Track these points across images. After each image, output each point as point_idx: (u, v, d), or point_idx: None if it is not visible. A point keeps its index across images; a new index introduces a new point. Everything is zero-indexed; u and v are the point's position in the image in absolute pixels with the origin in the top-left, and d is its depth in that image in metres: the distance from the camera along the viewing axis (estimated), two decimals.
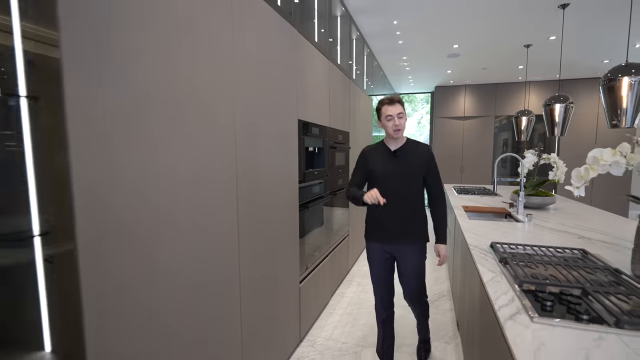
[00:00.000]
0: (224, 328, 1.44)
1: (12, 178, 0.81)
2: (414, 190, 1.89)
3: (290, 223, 2.13)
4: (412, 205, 1.89)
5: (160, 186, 1.08)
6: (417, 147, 1.92)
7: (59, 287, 0.84)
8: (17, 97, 0.80)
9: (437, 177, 1.94)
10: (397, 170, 1.87)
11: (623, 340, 0.91)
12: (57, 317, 0.85)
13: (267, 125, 1.80)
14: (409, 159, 1.88)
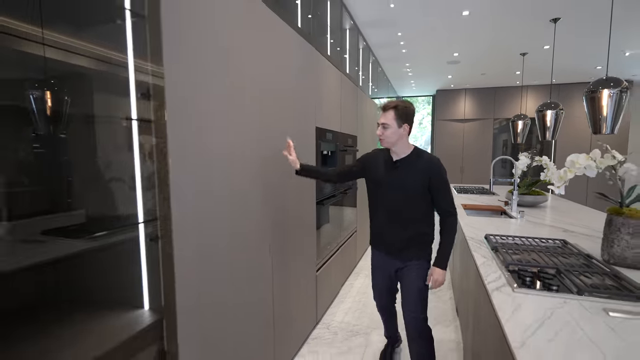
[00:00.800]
0: (262, 306, 1.73)
1: (125, 181, 1.10)
2: (414, 205, 1.72)
3: (309, 217, 2.42)
4: (412, 221, 1.73)
5: (220, 183, 1.37)
6: (421, 160, 1.71)
7: (159, 259, 1.12)
8: (130, 120, 1.09)
9: (444, 195, 1.70)
10: (396, 182, 1.72)
11: (582, 304, 1.19)
12: (155, 281, 1.14)
13: (293, 132, 2.08)
14: (410, 171, 1.70)
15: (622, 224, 1.56)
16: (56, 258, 1.05)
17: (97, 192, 1.09)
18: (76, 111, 0.99)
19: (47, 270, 1.04)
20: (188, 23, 1.16)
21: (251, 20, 1.59)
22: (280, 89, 1.92)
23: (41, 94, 0.85)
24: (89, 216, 1.09)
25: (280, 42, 1.92)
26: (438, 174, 1.69)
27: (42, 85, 0.86)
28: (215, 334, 1.35)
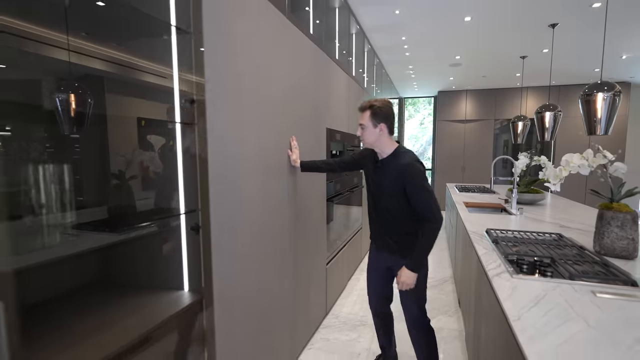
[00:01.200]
0: (282, 292, 1.88)
1: (172, 176, 1.25)
2: (395, 205, 1.72)
3: (320, 213, 2.57)
4: (396, 220, 1.74)
5: (247, 182, 1.51)
6: (397, 163, 1.68)
7: (200, 246, 1.27)
8: (174, 123, 1.24)
9: (418, 200, 1.64)
10: (377, 180, 1.76)
11: (572, 287, 1.33)
12: (195, 266, 1.29)
13: (308, 133, 2.23)
14: (387, 173, 1.71)
15: (612, 217, 1.70)
16: (110, 244, 1.20)
17: (146, 187, 1.24)
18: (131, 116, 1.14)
19: (104, 255, 1.19)
20: (225, 38, 1.31)
21: (275, 33, 1.74)
22: (298, 94, 2.07)
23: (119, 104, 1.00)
24: (137, 208, 1.25)
25: (299, 51, 2.07)
26: (411, 180, 1.63)
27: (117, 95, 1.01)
28: (242, 315, 1.50)
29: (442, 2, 3.28)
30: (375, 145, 1.74)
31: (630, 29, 3.88)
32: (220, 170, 1.31)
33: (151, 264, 1.29)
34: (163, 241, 1.28)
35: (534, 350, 0.92)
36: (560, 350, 0.91)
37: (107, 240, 1.16)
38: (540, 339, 0.97)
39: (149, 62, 1.20)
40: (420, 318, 1.83)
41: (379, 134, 1.69)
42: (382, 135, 1.70)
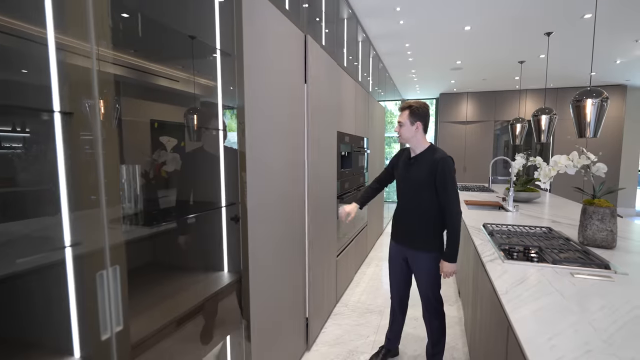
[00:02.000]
0: (299, 281, 2.11)
1: (215, 176, 1.48)
2: (424, 198, 1.88)
3: (331, 209, 2.80)
4: (423, 213, 1.90)
5: (274, 181, 1.75)
6: (431, 156, 1.88)
7: (239, 234, 1.51)
8: (217, 130, 1.47)
9: (445, 189, 1.82)
10: (409, 176, 1.93)
11: (554, 270, 1.56)
12: (234, 251, 1.52)
13: (322, 136, 2.46)
14: (421, 167, 1.89)
15: (593, 212, 1.93)
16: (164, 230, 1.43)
17: (195, 183, 1.48)
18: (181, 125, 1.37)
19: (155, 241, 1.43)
20: (257, 56, 1.55)
21: (295, 48, 1.97)
22: (314, 100, 2.30)
23: (192, 116, 1.24)
24: (186, 202, 1.48)
25: (316, 62, 2.30)
26: (441, 173, 1.80)
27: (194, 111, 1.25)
28: (270, 297, 1.74)
29: (443, 13, 3.50)
30: (411, 142, 1.93)
31: (621, 36, 4.10)
32: (254, 170, 1.54)
33: (197, 249, 1.52)
34: (207, 229, 1.51)
35: (516, 315, 1.14)
36: (536, 315, 1.14)
37: (162, 228, 1.39)
38: (522, 307, 1.20)
39: (200, 77, 1.43)
40: (433, 303, 2.03)
41: (415, 131, 1.90)
42: (418, 133, 1.91)
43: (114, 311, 0.89)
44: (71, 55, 0.85)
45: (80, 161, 0.85)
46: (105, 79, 0.89)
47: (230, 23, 1.41)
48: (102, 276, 0.86)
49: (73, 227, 0.85)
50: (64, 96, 0.83)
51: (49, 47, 0.82)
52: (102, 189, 0.87)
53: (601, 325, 1.06)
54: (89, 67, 0.86)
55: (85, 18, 0.84)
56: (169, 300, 1.24)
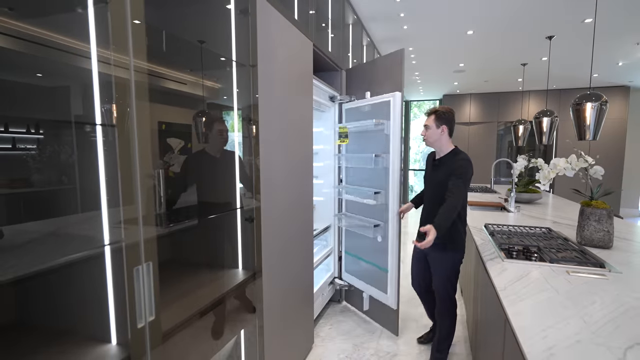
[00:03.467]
0: (306, 279, 2.21)
1: (231, 177, 1.58)
2: (443, 197, 1.95)
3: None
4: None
5: (282, 183, 1.85)
6: (454, 157, 1.99)
7: (253, 234, 1.60)
8: (233, 134, 1.57)
9: (454, 175, 1.93)
10: (433, 177, 2.05)
11: (551, 268, 1.64)
12: (248, 250, 1.62)
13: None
14: (443, 169, 2.00)
15: (591, 213, 2.00)
16: (184, 228, 1.53)
17: (212, 186, 1.57)
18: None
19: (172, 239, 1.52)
20: (270, 67, 1.65)
21: (304, 56, 2.07)
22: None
23: (201, 120, 1.34)
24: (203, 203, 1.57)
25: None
26: (459, 166, 1.93)
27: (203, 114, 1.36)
28: (281, 293, 1.83)
29: (446, 18, 3.59)
30: (436, 145, 2.04)
31: (624, 39, 4.15)
32: (266, 173, 1.64)
33: (214, 248, 1.62)
34: (223, 229, 1.61)
35: (513, 310, 1.23)
36: (532, 309, 1.22)
37: (182, 227, 1.49)
38: (519, 302, 1.28)
39: (216, 85, 1.53)
40: (447, 302, 2.12)
41: (440, 134, 2.02)
42: (443, 136, 2.02)
43: (147, 303, 0.99)
44: (110, 67, 0.95)
45: (122, 167, 0.95)
46: (140, 88, 0.99)
47: (245, 36, 1.51)
48: (139, 271, 0.96)
49: (112, 226, 0.95)
50: (107, 110, 0.93)
51: (92, 60, 0.92)
52: (138, 191, 0.97)
53: (592, 319, 1.14)
54: (128, 77, 0.96)
55: (125, 33, 0.94)
56: (190, 294, 1.34)
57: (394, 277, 2.49)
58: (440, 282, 2.10)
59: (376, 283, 2.64)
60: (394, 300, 2.51)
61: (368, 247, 2.71)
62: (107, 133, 0.95)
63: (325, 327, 2.68)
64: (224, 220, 1.61)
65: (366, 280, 2.76)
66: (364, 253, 2.78)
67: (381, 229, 2.54)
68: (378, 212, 2.58)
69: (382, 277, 2.58)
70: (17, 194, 0.84)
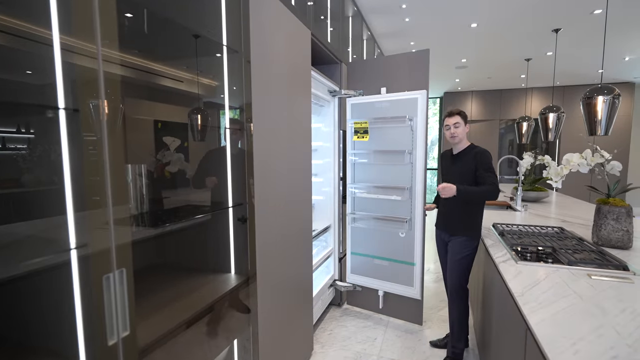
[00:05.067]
0: (307, 284, 2.08)
1: (223, 174, 1.45)
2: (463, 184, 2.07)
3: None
4: (463, 201, 2.09)
5: (282, 176, 1.72)
6: (472, 150, 2.14)
7: (246, 235, 1.47)
8: (225, 129, 1.44)
9: (485, 170, 2.02)
10: (454, 169, 2.17)
11: (570, 271, 1.52)
12: (241, 252, 1.49)
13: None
14: (465, 160, 2.13)
15: (608, 211, 1.88)
16: (170, 231, 1.40)
17: (202, 185, 1.44)
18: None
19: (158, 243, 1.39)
20: (265, 56, 1.52)
21: (301, 45, 1.94)
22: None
23: (196, 116, 1.21)
24: (192, 203, 1.45)
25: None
26: (482, 158, 2.06)
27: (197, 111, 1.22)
28: (278, 299, 1.70)
29: (449, 10, 3.46)
30: (461, 140, 2.17)
31: (631, 32, 4.03)
32: (261, 170, 1.51)
33: (204, 251, 1.49)
34: (214, 230, 1.48)
35: (535, 319, 1.10)
36: (556, 318, 1.10)
37: (168, 229, 1.36)
38: (540, 310, 1.15)
39: (204, 77, 1.40)
40: (457, 288, 2.18)
41: (466, 131, 2.18)
42: (465, 133, 2.19)
43: (121, 315, 0.86)
44: (76, 56, 0.82)
45: (86, 161, 0.83)
46: (110, 79, 0.87)
47: (237, 19, 1.38)
48: (109, 279, 0.83)
49: (78, 228, 0.82)
50: (69, 96, 0.80)
51: (55, 47, 0.79)
52: (108, 189, 0.84)
53: (625, 330, 1.02)
54: (95, 67, 0.83)
55: (92, 19, 0.81)
56: (174, 303, 1.21)
57: (420, 270, 2.58)
58: (459, 266, 2.14)
59: (397, 278, 2.68)
60: (419, 292, 2.60)
61: (385, 244, 2.71)
62: (72, 129, 0.82)
63: (325, 333, 2.55)
64: (215, 220, 1.48)
65: (384, 278, 2.75)
66: (379, 251, 2.75)
67: (407, 224, 2.60)
68: (402, 209, 2.61)
69: (406, 272, 2.64)
70: None
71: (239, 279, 1.49)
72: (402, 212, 2.62)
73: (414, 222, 2.57)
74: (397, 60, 2.65)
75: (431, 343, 2.41)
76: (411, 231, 2.59)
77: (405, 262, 2.64)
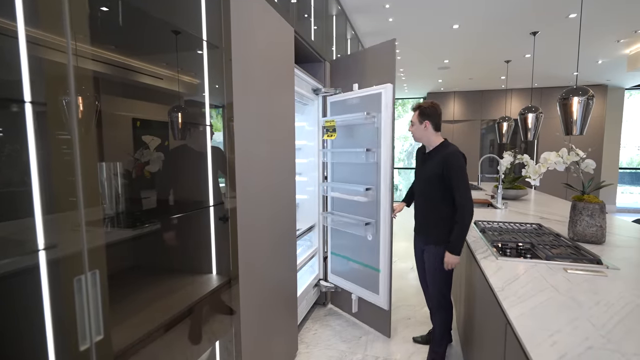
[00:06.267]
0: (288, 275, 2.06)
1: (202, 174, 1.42)
2: (434, 192, 1.97)
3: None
4: (433, 206, 2.00)
5: (265, 174, 1.69)
6: (443, 151, 1.96)
7: (228, 235, 1.44)
8: (205, 126, 1.41)
9: (456, 184, 1.87)
10: (423, 170, 2.06)
11: (548, 266, 1.56)
12: (222, 252, 1.46)
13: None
14: (433, 161, 1.98)
15: (583, 207, 1.94)
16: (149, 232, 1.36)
17: (181, 182, 1.41)
18: None
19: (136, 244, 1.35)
20: (246, 51, 1.49)
21: (284, 42, 1.92)
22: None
23: (176, 114, 1.17)
24: (171, 202, 1.41)
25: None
26: (449, 165, 1.87)
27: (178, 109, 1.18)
28: (261, 300, 1.68)
29: (432, 11, 3.51)
30: (422, 139, 2.06)
31: (604, 37, 4.19)
32: (243, 167, 1.49)
33: (184, 251, 1.45)
34: (194, 229, 1.45)
35: (515, 313, 1.12)
36: (535, 311, 1.12)
37: (147, 230, 1.32)
38: (520, 304, 1.18)
39: (184, 74, 1.36)
40: (438, 297, 2.09)
41: (424, 129, 2.02)
42: (427, 131, 2.02)
43: (94, 319, 0.83)
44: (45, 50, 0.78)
45: (56, 160, 0.79)
46: (82, 75, 0.83)
47: (217, 13, 1.35)
48: (80, 281, 0.80)
49: (48, 230, 0.78)
50: (37, 92, 0.76)
51: (20, 40, 0.75)
52: (79, 188, 0.80)
53: (599, 322, 1.05)
54: (64, 62, 0.79)
55: (61, 10, 0.77)
56: (154, 305, 1.17)
57: (386, 277, 2.37)
58: (435, 278, 2.06)
59: (366, 284, 2.52)
60: (386, 301, 2.39)
61: (357, 246, 2.59)
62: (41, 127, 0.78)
63: (310, 333, 2.54)
64: (195, 220, 1.44)
65: (355, 281, 2.63)
66: (352, 253, 2.65)
67: (372, 226, 2.42)
68: (368, 210, 2.46)
69: (373, 277, 2.46)
70: None
71: (220, 279, 1.46)
72: (367, 214, 2.46)
73: (379, 225, 2.38)
74: (366, 54, 2.57)
75: (414, 339, 2.43)
76: (377, 234, 2.40)
77: (372, 267, 2.47)
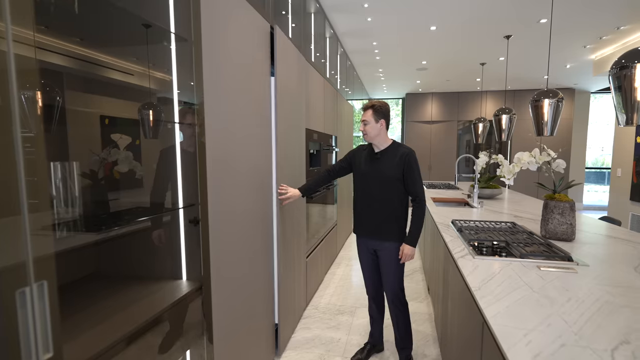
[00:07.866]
0: (267, 284, 2.00)
1: (173, 172, 1.34)
2: (390, 191, 1.97)
3: (301, 208, 2.71)
4: (388, 205, 1.98)
5: (239, 175, 1.63)
6: (397, 150, 1.98)
7: (199, 239, 1.37)
8: (174, 124, 1.33)
9: (414, 180, 1.95)
10: (375, 171, 1.99)
11: (522, 264, 1.58)
12: (193, 257, 1.39)
13: (291, 134, 2.36)
14: (388, 161, 1.97)
15: (554, 206, 1.99)
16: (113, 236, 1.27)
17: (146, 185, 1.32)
18: None
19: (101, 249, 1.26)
20: (218, 45, 1.42)
21: (260, 38, 1.86)
22: (282, 95, 2.20)
23: (147, 112, 1.09)
24: (138, 204, 1.33)
25: (284, 55, 2.20)
26: (409, 166, 1.94)
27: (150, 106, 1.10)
28: (235, 305, 1.61)
29: (409, 12, 3.54)
30: (376, 139, 1.99)
31: (572, 42, 4.37)
32: (215, 167, 1.42)
33: (151, 256, 1.37)
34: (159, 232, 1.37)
35: (491, 312, 1.12)
36: (510, 310, 1.12)
37: (111, 234, 1.23)
38: (496, 303, 1.18)
39: (152, 68, 1.28)
40: (398, 293, 2.10)
41: (379, 128, 1.97)
42: (382, 130, 1.99)
43: (41, 335, 0.75)
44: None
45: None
46: (30, 68, 0.75)
47: (187, 6, 1.28)
48: (24, 294, 0.72)
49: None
50: None
51: None
52: (22, 191, 0.72)
53: (571, 318, 1.06)
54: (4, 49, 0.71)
55: None
56: (117, 315, 1.09)
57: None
58: (396, 274, 2.05)
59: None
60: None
61: None
62: None
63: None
64: (164, 223, 1.36)
65: None
66: None
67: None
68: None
69: None
70: None
71: (191, 285, 1.38)
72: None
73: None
74: None
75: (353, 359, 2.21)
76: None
77: None
